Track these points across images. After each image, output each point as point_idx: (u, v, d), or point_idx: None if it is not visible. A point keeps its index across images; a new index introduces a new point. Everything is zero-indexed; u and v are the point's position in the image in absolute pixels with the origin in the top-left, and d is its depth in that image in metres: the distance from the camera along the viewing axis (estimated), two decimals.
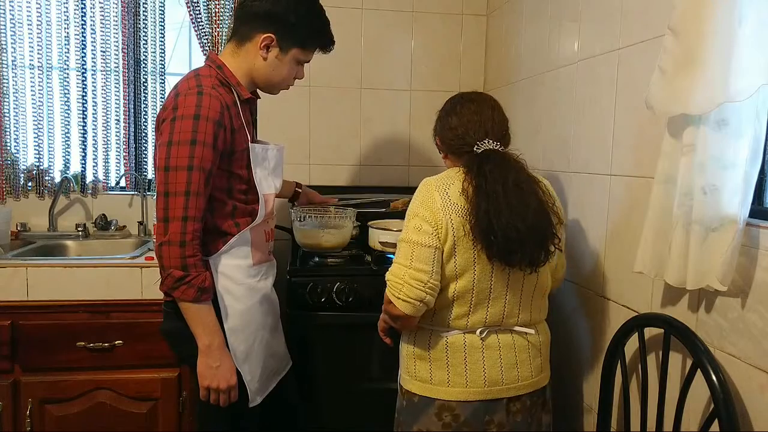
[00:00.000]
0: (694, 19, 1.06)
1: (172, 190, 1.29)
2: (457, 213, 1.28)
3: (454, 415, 1.33)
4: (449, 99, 1.48)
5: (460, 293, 1.31)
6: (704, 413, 1.18)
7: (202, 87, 1.34)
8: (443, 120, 1.44)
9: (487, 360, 1.34)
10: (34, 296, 1.79)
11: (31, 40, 2.24)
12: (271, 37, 1.41)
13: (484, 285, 1.31)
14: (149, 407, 1.86)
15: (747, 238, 1.08)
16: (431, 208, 1.29)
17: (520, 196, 1.26)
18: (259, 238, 1.48)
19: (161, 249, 1.30)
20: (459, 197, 1.29)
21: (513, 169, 1.30)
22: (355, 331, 1.87)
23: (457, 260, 1.29)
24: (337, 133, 2.47)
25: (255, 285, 1.47)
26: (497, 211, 1.23)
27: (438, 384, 1.35)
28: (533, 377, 1.39)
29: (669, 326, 1.23)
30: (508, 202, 1.24)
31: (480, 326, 1.34)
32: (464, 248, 1.28)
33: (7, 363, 1.79)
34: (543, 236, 1.27)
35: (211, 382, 1.37)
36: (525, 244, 1.24)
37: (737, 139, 1.05)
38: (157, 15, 2.34)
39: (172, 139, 1.30)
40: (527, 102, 2.09)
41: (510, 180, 1.27)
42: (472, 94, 1.46)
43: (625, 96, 1.47)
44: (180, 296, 1.32)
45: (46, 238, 2.25)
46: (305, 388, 1.85)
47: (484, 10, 2.51)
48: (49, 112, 2.30)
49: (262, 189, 1.46)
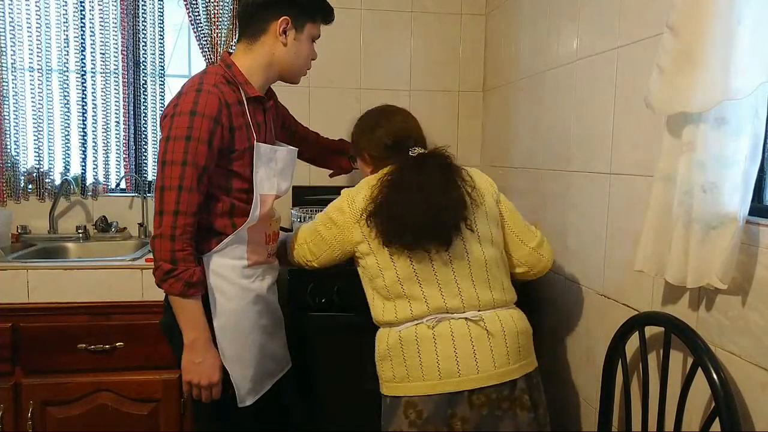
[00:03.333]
0: (693, 18, 1.05)
1: (167, 185, 1.31)
2: (363, 217, 1.38)
3: (418, 411, 1.33)
4: (366, 114, 1.57)
5: (390, 285, 1.37)
6: (705, 412, 1.18)
7: (203, 84, 1.36)
8: (368, 134, 1.51)
9: (441, 351, 1.33)
10: (35, 299, 1.79)
11: (31, 42, 2.24)
12: (287, 20, 1.42)
13: (406, 271, 1.36)
14: (150, 409, 1.86)
15: (747, 236, 1.08)
16: (341, 216, 1.42)
17: (428, 186, 1.34)
18: (257, 239, 1.47)
19: (154, 242, 1.33)
20: (363, 202, 1.39)
21: (434, 163, 1.39)
22: (356, 331, 1.87)
23: (377, 257, 1.38)
24: (337, 133, 2.46)
25: (248, 285, 1.46)
26: (399, 202, 1.33)
27: (400, 381, 1.36)
28: (496, 368, 1.33)
29: (669, 325, 1.22)
30: (411, 194, 1.33)
31: (425, 314, 1.36)
32: (377, 245, 1.37)
33: (8, 365, 1.79)
34: (442, 219, 1.32)
35: (193, 378, 1.37)
36: (422, 229, 1.31)
37: (737, 137, 1.05)
38: (156, 17, 2.34)
39: (170, 135, 1.32)
40: (526, 101, 2.09)
41: (425, 173, 1.36)
42: (391, 107, 1.56)
43: (625, 94, 1.47)
44: (168, 289, 1.34)
45: (46, 240, 2.25)
46: (305, 389, 1.85)
47: (483, 9, 2.51)
48: (48, 115, 2.30)
49: (262, 189, 1.45)
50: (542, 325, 1.90)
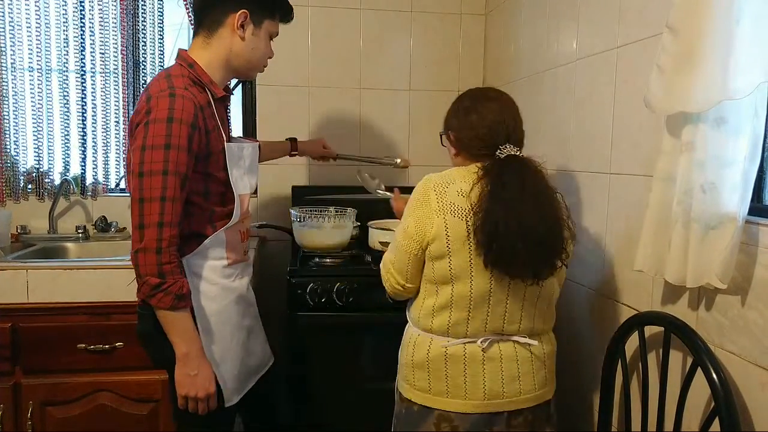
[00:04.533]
0: (693, 18, 1.06)
1: (147, 196, 1.26)
2: (453, 213, 1.25)
3: (453, 426, 1.30)
4: (467, 93, 1.40)
5: (458, 296, 1.27)
6: (705, 411, 1.18)
7: (175, 89, 1.31)
8: (462, 117, 1.35)
9: (488, 372, 1.30)
10: (35, 298, 1.79)
11: (30, 42, 2.24)
12: (245, 13, 1.40)
13: (482, 289, 1.26)
14: (150, 409, 1.86)
15: (746, 235, 1.08)
16: (425, 208, 1.28)
17: (536, 206, 1.21)
18: (234, 239, 1.47)
19: (137, 256, 1.27)
20: (458, 197, 1.26)
21: (535, 179, 1.25)
22: (356, 331, 1.87)
23: (452, 262, 1.26)
24: (337, 133, 2.47)
25: (230, 285, 1.46)
26: (507, 221, 1.18)
27: (437, 395, 1.32)
28: (536, 390, 1.34)
29: (669, 324, 1.23)
30: (523, 212, 1.19)
31: (481, 334, 1.29)
32: (461, 251, 1.25)
33: (7, 365, 1.78)
34: (551, 250, 1.23)
35: (189, 391, 1.34)
36: (529, 255, 1.20)
37: (736, 137, 1.05)
38: (155, 17, 2.34)
39: (146, 144, 1.27)
40: (526, 101, 2.09)
41: (528, 189, 1.22)
42: (492, 91, 1.40)
43: (624, 94, 1.47)
44: (157, 304, 1.29)
45: (46, 240, 2.25)
46: (305, 389, 1.85)
47: (482, 9, 2.51)
48: (48, 115, 2.30)
49: (238, 189, 1.44)
50: None
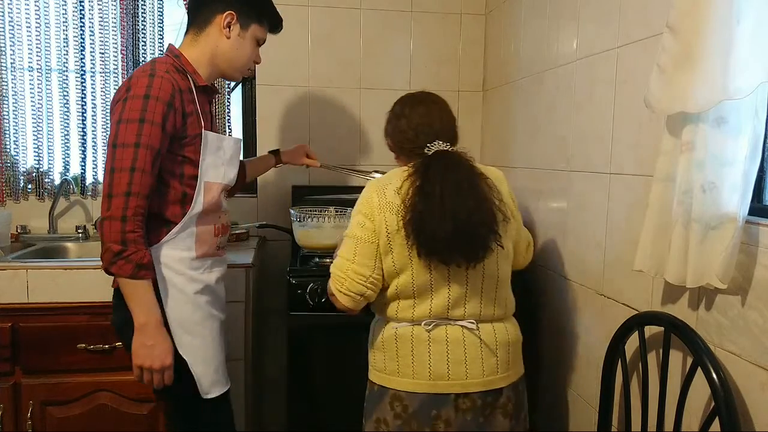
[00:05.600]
0: (693, 17, 1.05)
1: (118, 166, 1.29)
2: (391, 211, 1.34)
3: (404, 406, 1.37)
4: (398, 100, 1.51)
5: (402, 288, 1.36)
6: (705, 411, 1.18)
7: (155, 70, 1.37)
8: (393, 122, 1.48)
9: (434, 353, 1.36)
10: (35, 298, 1.79)
11: (30, 42, 2.24)
12: (233, 14, 1.47)
13: (423, 278, 1.34)
14: (150, 409, 1.86)
15: (746, 235, 1.08)
16: (370, 207, 1.36)
17: (457, 197, 1.29)
18: (205, 231, 1.47)
19: (103, 224, 1.30)
20: (395, 196, 1.35)
21: (459, 169, 1.34)
22: (355, 331, 1.87)
23: (394, 257, 1.35)
24: (337, 133, 2.47)
25: (196, 276, 1.46)
26: (430, 212, 1.28)
27: (390, 374, 1.40)
28: (485, 376, 1.37)
29: (669, 324, 1.23)
30: (442, 204, 1.28)
31: (425, 318, 1.36)
32: (399, 245, 1.34)
33: (7, 365, 1.78)
34: (476, 233, 1.29)
35: (144, 361, 1.34)
36: (455, 241, 1.27)
37: (736, 137, 1.05)
38: (155, 16, 2.34)
39: (122, 117, 1.31)
40: (526, 101, 2.09)
41: (450, 181, 1.30)
42: (420, 94, 1.50)
43: (624, 94, 1.47)
44: (117, 272, 1.30)
45: (46, 240, 2.25)
46: (305, 388, 1.85)
47: (482, 9, 2.51)
48: (48, 115, 2.30)
49: (207, 176, 1.45)
50: (542, 324, 1.90)
